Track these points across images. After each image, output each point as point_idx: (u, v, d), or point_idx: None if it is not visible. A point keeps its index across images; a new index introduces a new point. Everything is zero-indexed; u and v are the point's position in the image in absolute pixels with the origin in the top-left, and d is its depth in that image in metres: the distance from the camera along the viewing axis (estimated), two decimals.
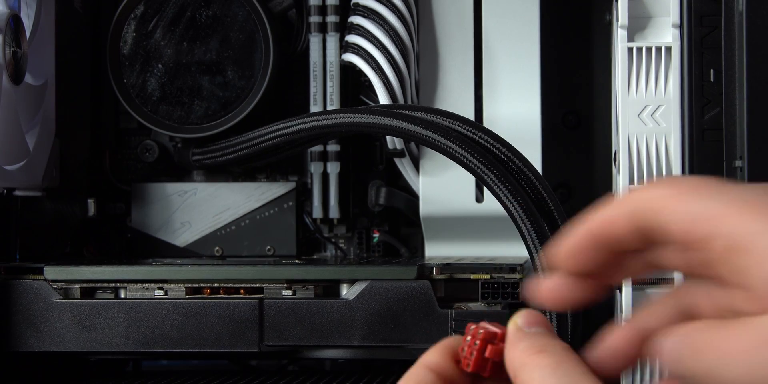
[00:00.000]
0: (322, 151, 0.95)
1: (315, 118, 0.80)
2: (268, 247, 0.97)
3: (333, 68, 0.94)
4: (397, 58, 0.87)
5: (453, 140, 0.72)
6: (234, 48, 0.91)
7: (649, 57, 0.76)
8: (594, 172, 0.99)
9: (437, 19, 0.92)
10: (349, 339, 0.75)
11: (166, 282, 0.77)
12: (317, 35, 0.95)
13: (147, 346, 0.76)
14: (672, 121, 0.75)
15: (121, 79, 0.92)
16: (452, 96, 0.92)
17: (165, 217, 0.97)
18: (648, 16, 0.77)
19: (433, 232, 0.93)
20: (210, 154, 0.90)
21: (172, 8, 0.91)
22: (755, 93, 0.68)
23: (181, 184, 0.98)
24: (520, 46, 0.92)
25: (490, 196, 0.90)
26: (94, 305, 0.77)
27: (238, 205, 0.97)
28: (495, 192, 0.70)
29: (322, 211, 0.96)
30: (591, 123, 0.99)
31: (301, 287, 0.77)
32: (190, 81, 0.91)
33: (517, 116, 0.91)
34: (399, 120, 0.75)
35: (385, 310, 0.75)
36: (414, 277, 0.75)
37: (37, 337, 0.77)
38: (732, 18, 0.72)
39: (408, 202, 0.95)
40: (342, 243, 0.98)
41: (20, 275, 0.78)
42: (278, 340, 0.76)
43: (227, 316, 0.76)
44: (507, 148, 0.73)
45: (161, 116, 0.92)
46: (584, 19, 0.99)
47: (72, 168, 0.92)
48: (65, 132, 0.90)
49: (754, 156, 0.68)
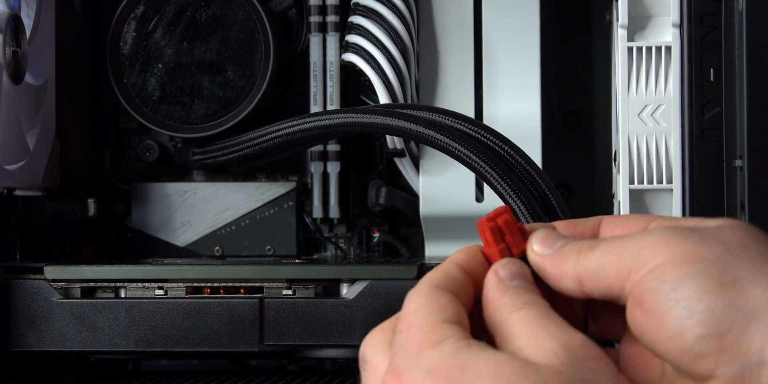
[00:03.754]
0: (322, 151, 0.95)
1: (316, 117, 0.80)
2: (268, 247, 0.97)
3: (333, 68, 0.94)
4: (397, 58, 0.87)
5: (455, 139, 0.72)
6: (234, 48, 0.91)
7: (649, 57, 0.76)
8: (594, 172, 0.99)
9: (437, 19, 0.93)
10: (349, 339, 0.75)
11: (166, 282, 0.77)
12: (317, 35, 0.95)
13: (147, 346, 0.76)
14: (672, 121, 0.75)
15: (121, 79, 0.92)
16: (452, 96, 0.92)
17: (165, 217, 0.97)
18: (648, 16, 0.77)
19: (433, 232, 0.93)
20: (210, 154, 0.90)
21: (172, 8, 0.91)
22: (755, 93, 0.68)
23: (181, 184, 0.98)
24: (520, 46, 0.92)
25: (490, 195, 0.90)
26: (94, 305, 0.77)
27: (238, 204, 0.97)
28: (498, 191, 0.70)
29: (322, 210, 0.96)
30: (591, 123, 0.99)
31: (301, 287, 0.76)
32: (191, 81, 0.91)
33: (517, 116, 0.91)
34: (401, 120, 0.75)
35: (385, 310, 0.75)
36: (414, 276, 0.75)
37: (37, 337, 0.77)
38: (732, 18, 0.72)
39: (408, 202, 0.95)
40: (342, 243, 0.98)
41: (20, 275, 0.78)
42: (278, 340, 0.76)
43: (227, 315, 0.76)
44: (509, 146, 0.73)
45: (161, 116, 0.92)
46: (584, 18, 0.99)
47: (72, 168, 0.92)
48: (65, 132, 0.90)
49: (754, 156, 0.68)
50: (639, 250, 0.46)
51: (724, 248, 0.46)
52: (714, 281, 0.44)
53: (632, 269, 0.46)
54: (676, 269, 0.45)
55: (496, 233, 0.50)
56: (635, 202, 0.76)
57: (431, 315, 0.46)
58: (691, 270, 0.44)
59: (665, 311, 0.44)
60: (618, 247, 0.47)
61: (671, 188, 0.75)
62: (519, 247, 0.50)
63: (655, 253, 0.45)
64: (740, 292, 0.44)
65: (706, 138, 0.74)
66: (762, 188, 0.68)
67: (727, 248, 0.46)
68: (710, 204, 0.73)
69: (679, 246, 0.45)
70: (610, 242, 0.48)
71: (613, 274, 0.47)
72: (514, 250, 0.50)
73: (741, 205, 0.70)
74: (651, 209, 0.76)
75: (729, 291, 0.44)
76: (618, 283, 0.47)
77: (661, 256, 0.45)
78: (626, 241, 0.47)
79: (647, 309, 0.45)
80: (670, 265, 0.45)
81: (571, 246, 0.49)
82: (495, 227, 0.50)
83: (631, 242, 0.47)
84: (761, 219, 0.67)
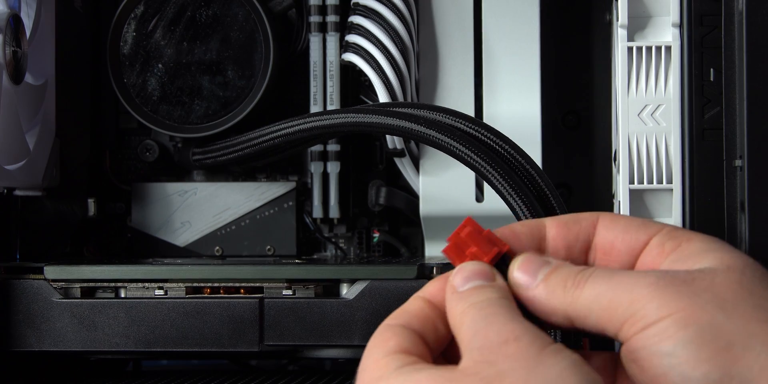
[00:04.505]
0: (322, 151, 0.95)
1: (316, 117, 0.80)
2: (268, 247, 0.97)
3: (333, 68, 0.94)
4: (397, 58, 0.87)
5: (456, 139, 0.72)
6: (234, 48, 0.91)
7: (649, 56, 0.76)
8: (594, 172, 0.99)
9: (437, 19, 0.92)
10: (349, 339, 0.75)
11: (166, 282, 0.77)
12: (317, 35, 0.95)
13: (147, 346, 0.76)
14: (672, 121, 0.75)
15: (121, 79, 0.92)
16: (452, 96, 0.92)
17: (165, 217, 0.97)
18: (648, 16, 0.77)
19: (433, 232, 0.93)
20: (210, 154, 0.90)
21: (172, 8, 0.91)
22: (755, 93, 0.68)
23: (181, 184, 0.98)
24: (520, 46, 0.92)
25: (490, 195, 0.90)
26: (95, 305, 0.77)
27: (238, 204, 0.97)
28: (499, 190, 0.70)
29: (322, 210, 0.96)
30: (591, 123, 0.99)
31: (301, 287, 0.76)
32: (191, 81, 0.91)
33: (517, 116, 0.91)
34: (401, 119, 0.75)
35: (385, 310, 0.74)
36: (414, 276, 0.75)
37: (37, 337, 0.77)
38: (732, 18, 0.72)
39: (408, 202, 0.95)
40: (342, 243, 0.98)
41: (20, 275, 0.78)
42: (278, 340, 0.76)
43: (227, 315, 0.76)
44: (509, 145, 0.73)
45: (161, 116, 0.92)
46: (584, 19, 0.99)
47: (72, 168, 0.92)
48: (65, 132, 0.90)
49: (754, 155, 0.68)
50: (631, 302, 0.46)
51: (719, 305, 0.46)
52: (708, 348, 0.45)
53: (625, 322, 0.46)
54: (670, 333, 0.45)
55: (457, 250, 0.51)
56: (635, 202, 0.76)
57: (375, 351, 0.48)
58: (685, 336, 0.45)
59: (661, 375, 0.45)
60: (608, 291, 0.47)
61: (671, 188, 0.75)
62: (489, 254, 0.50)
63: (648, 309, 0.46)
64: (734, 359, 0.45)
65: (706, 138, 0.74)
66: (762, 188, 0.68)
67: (722, 305, 0.46)
68: (710, 204, 0.73)
69: (672, 303, 0.46)
70: (598, 282, 0.47)
71: (605, 320, 0.47)
72: (486, 259, 0.50)
73: (741, 205, 0.70)
74: (651, 209, 0.76)
75: (723, 358, 0.44)
76: (611, 329, 0.47)
77: (655, 313, 0.46)
78: (617, 287, 0.47)
79: (643, 367, 0.46)
80: (664, 328, 0.45)
81: (557, 279, 0.49)
82: (452, 246, 0.51)
83: (623, 290, 0.47)
84: (761, 219, 0.67)
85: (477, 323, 0.47)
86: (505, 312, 0.47)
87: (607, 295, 0.47)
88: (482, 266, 0.50)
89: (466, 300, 0.48)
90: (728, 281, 0.46)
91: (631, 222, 0.51)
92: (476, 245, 0.50)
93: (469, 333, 0.46)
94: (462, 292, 0.49)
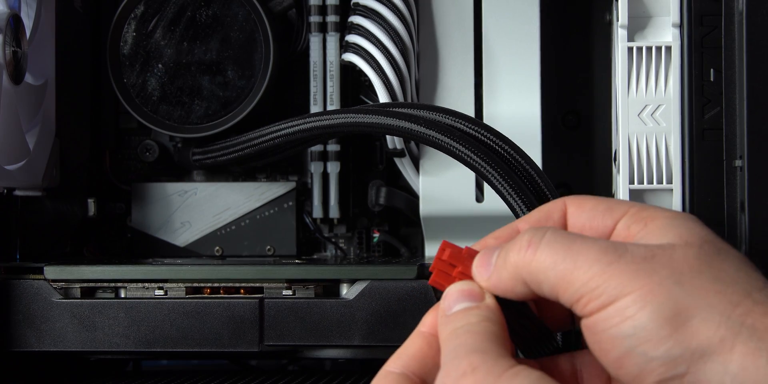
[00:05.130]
0: (322, 151, 0.95)
1: (316, 118, 0.80)
2: (268, 247, 0.97)
3: (333, 68, 0.94)
4: (397, 58, 0.87)
5: (456, 139, 0.72)
6: (234, 48, 0.91)
7: (649, 57, 0.76)
8: (594, 172, 0.99)
9: (437, 19, 0.92)
10: (349, 339, 0.75)
11: (166, 282, 0.77)
12: (317, 35, 0.95)
13: (147, 346, 0.76)
14: (672, 121, 0.75)
15: (121, 79, 0.92)
16: (452, 96, 0.92)
17: (165, 217, 0.97)
18: (648, 16, 0.77)
19: (433, 232, 0.93)
20: (210, 154, 0.90)
21: (172, 8, 0.91)
22: (755, 93, 0.68)
23: (181, 184, 0.98)
24: (520, 46, 0.92)
25: (490, 195, 0.90)
26: (94, 305, 0.77)
27: (238, 205, 0.97)
28: (499, 190, 0.70)
29: (322, 210, 0.96)
30: (591, 123, 0.99)
31: (301, 287, 0.76)
32: (191, 81, 0.91)
33: (516, 116, 0.91)
34: (401, 120, 0.75)
35: (385, 310, 0.75)
36: (414, 276, 0.75)
37: (37, 337, 0.77)
38: (732, 18, 0.72)
39: (408, 202, 0.95)
40: (342, 243, 0.98)
41: (20, 275, 0.78)
42: (278, 340, 0.76)
43: (227, 315, 0.76)
44: (509, 146, 0.73)
45: (161, 116, 0.92)
46: (584, 19, 0.99)
47: (72, 168, 0.92)
48: (65, 132, 0.90)
49: (754, 155, 0.68)
50: (590, 278, 0.46)
51: (676, 280, 0.45)
52: (668, 326, 0.45)
53: (582, 296, 0.46)
54: (629, 313, 0.45)
55: (444, 275, 0.51)
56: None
57: None
58: (644, 315, 0.45)
59: (623, 355, 0.45)
60: (566, 261, 0.47)
61: (671, 188, 0.75)
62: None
63: (606, 288, 0.46)
64: (694, 333, 0.44)
65: (706, 138, 0.74)
66: (762, 188, 0.68)
67: (679, 279, 0.45)
68: (710, 204, 0.73)
69: (631, 282, 0.45)
70: (555, 248, 0.47)
71: (560, 289, 0.47)
72: (472, 277, 0.50)
73: (741, 205, 0.70)
74: None
75: (682, 334, 0.44)
76: (566, 300, 0.47)
77: (613, 292, 0.45)
78: (576, 260, 0.47)
79: (604, 349, 0.46)
80: (623, 308, 0.45)
81: (510, 249, 0.49)
82: (437, 273, 0.51)
83: (581, 263, 0.46)
84: (761, 219, 0.67)
85: (446, 356, 0.47)
86: (472, 341, 0.47)
87: (564, 265, 0.47)
88: (469, 285, 0.50)
89: (447, 326, 0.49)
90: (686, 256, 0.46)
91: (596, 206, 0.51)
92: (460, 264, 0.50)
93: (441, 367, 0.47)
94: (449, 317, 0.49)
